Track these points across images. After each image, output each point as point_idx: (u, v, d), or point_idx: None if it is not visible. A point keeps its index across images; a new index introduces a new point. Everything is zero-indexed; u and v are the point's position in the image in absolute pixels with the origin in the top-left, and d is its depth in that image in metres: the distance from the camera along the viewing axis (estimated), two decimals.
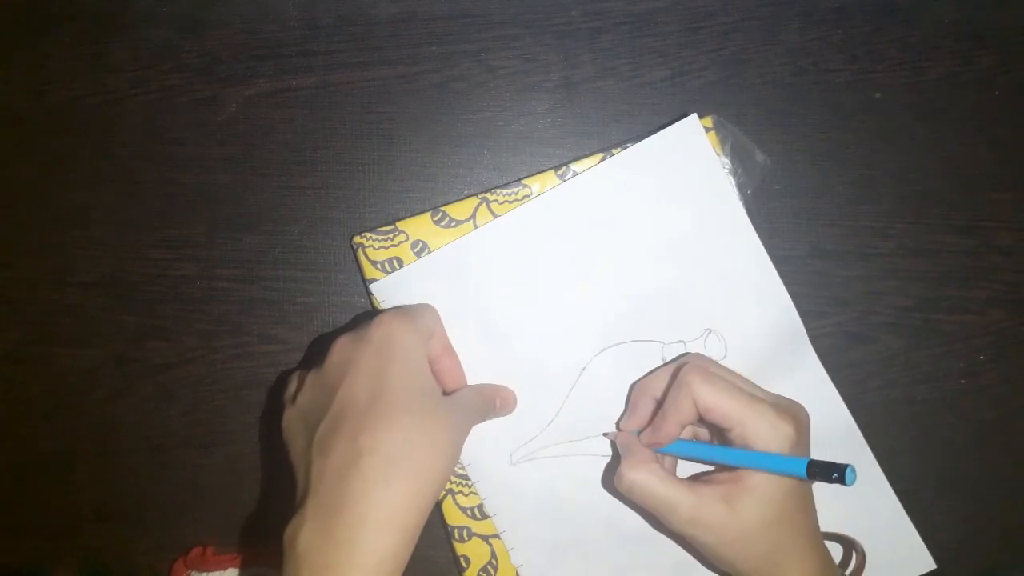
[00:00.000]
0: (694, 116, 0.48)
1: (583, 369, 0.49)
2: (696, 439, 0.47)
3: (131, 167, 0.51)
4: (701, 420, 0.44)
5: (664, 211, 0.48)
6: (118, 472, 0.51)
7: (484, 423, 0.48)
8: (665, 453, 0.45)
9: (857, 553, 0.44)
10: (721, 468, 0.44)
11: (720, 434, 0.44)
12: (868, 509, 0.49)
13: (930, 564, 0.49)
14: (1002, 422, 0.51)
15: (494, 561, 0.49)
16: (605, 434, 0.48)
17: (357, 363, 0.40)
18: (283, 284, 0.51)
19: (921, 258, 0.50)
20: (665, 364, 0.48)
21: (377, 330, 0.41)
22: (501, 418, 0.49)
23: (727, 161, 0.49)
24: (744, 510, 0.41)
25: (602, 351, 0.49)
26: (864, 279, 0.50)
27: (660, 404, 0.45)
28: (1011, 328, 0.51)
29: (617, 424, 0.48)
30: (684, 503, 0.42)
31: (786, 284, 0.49)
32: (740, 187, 0.49)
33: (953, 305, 0.51)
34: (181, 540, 0.51)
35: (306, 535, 0.37)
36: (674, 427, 0.44)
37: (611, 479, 0.49)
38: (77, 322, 0.51)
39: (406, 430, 0.38)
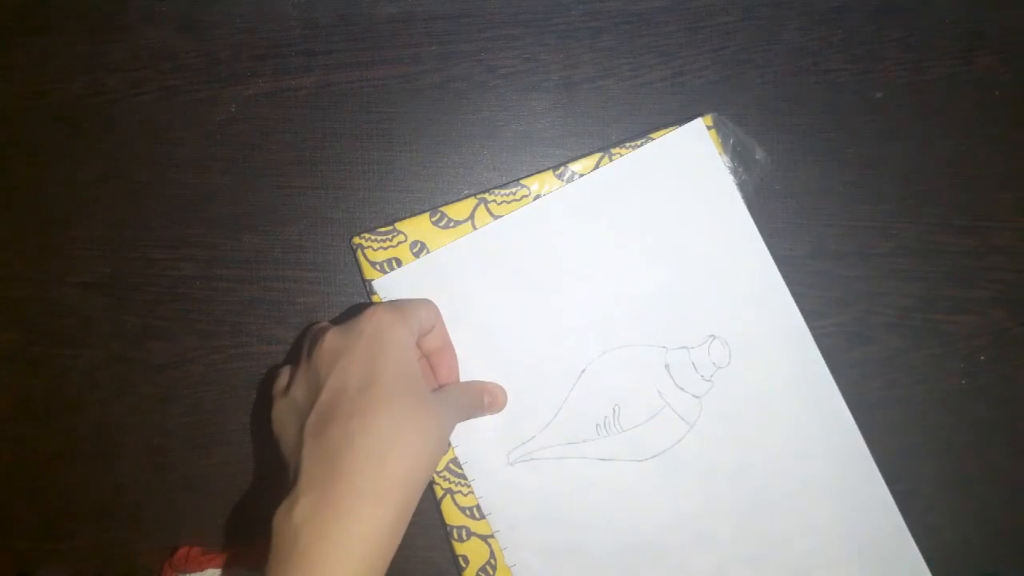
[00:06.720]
0: (699, 120, 0.48)
1: (583, 371, 0.49)
2: None
3: (131, 167, 0.51)
4: None
5: (667, 214, 0.48)
6: (117, 472, 0.51)
7: (482, 420, 0.48)
8: None
9: None
10: None
11: None
12: (865, 507, 0.49)
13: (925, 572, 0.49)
14: (1002, 422, 0.51)
15: (493, 561, 0.49)
16: None
17: (348, 352, 0.41)
18: (283, 284, 0.51)
19: (921, 258, 0.50)
20: None
21: (368, 321, 0.42)
22: (500, 417, 0.49)
23: (728, 160, 0.49)
24: None
25: (603, 353, 0.49)
26: (864, 279, 0.50)
27: None
28: (1011, 328, 0.51)
29: None
30: None
31: (786, 284, 0.49)
32: (741, 186, 0.49)
33: (953, 305, 0.51)
34: (180, 540, 0.51)
35: (302, 508, 0.37)
36: None
37: (611, 482, 0.48)
38: (77, 322, 0.51)
39: (397, 415, 0.39)
